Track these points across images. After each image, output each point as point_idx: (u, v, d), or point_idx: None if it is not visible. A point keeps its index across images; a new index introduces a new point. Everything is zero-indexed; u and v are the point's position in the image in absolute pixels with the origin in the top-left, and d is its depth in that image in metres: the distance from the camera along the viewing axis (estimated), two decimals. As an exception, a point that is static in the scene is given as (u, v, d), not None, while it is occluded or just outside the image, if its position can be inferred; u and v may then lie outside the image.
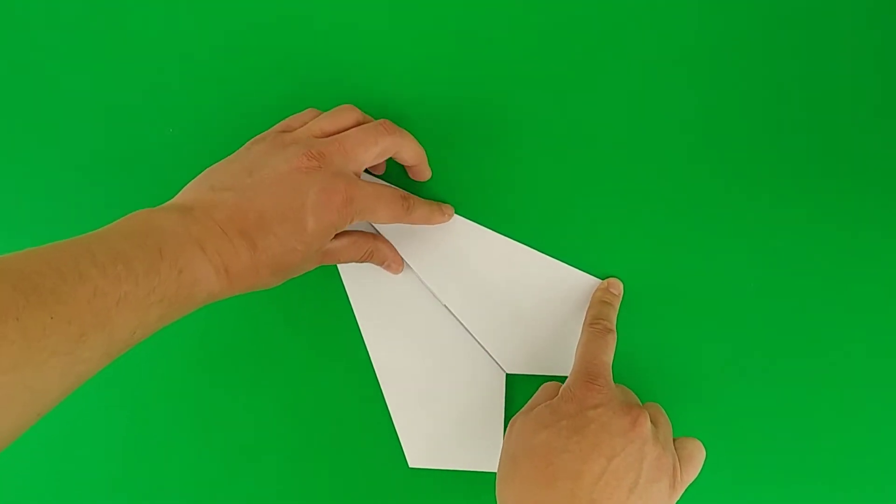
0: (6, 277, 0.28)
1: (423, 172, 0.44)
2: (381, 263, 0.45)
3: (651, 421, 0.38)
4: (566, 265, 0.45)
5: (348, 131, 0.40)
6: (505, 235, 0.46)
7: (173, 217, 0.35)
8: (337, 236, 0.41)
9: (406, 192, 0.43)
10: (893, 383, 0.44)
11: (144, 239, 0.33)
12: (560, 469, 0.35)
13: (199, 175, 0.39)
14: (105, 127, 0.47)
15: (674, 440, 0.39)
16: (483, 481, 0.46)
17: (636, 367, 0.45)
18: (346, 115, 0.42)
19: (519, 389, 0.46)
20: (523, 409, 0.40)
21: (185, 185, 0.46)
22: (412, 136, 0.42)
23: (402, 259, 0.45)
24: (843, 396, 0.44)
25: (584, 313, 0.45)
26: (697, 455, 0.39)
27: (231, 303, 0.46)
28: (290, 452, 0.47)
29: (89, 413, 0.48)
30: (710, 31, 0.45)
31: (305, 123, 0.41)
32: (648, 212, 0.45)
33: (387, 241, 0.45)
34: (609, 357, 0.40)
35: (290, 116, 0.43)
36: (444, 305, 0.45)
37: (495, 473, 0.45)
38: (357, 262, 0.44)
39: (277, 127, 0.42)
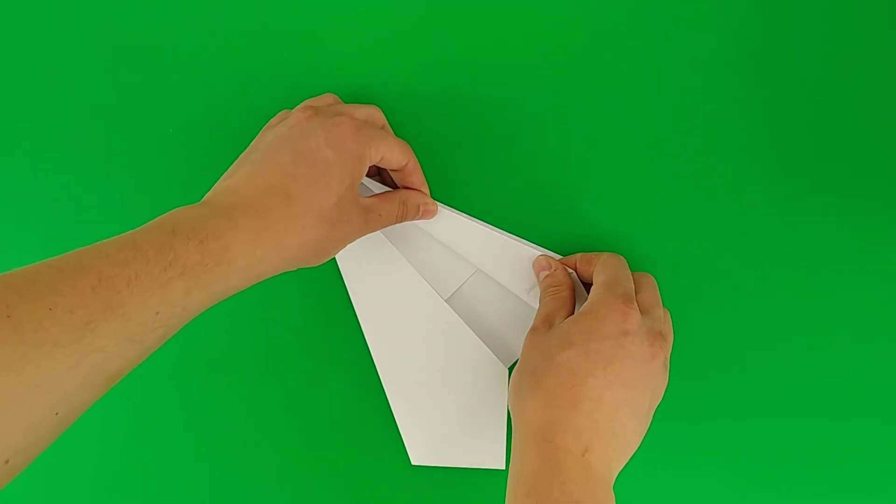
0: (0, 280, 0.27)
1: (417, 182, 0.44)
2: (416, 214, 0.44)
3: (668, 335, 0.40)
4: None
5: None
6: (504, 232, 0.46)
7: (188, 208, 0.34)
8: (367, 197, 0.41)
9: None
10: (894, 383, 0.44)
11: (157, 226, 0.32)
12: (584, 393, 0.36)
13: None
14: (105, 127, 0.47)
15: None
16: (485, 478, 0.46)
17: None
18: (327, 97, 0.44)
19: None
20: (538, 321, 0.41)
21: (185, 185, 0.46)
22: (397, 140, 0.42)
23: (436, 203, 0.45)
24: (844, 396, 0.44)
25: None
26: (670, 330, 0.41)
27: (233, 301, 0.46)
28: (292, 451, 0.47)
29: (90, 413, 0.48)
30: (712, 29, 0.45)
31: (326, 100, 0.44)
32: (648, 211, 0.45)
33: (414, 191, 0.44)
34: (633, 285, 0.41)
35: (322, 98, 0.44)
36: (445, 301, 0.46)
37: (496, 471, 0.45)
38: (396, 220, 0.43)
39: (278, 115, 0.43)
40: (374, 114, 0.43)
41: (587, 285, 0.43)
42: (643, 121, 0.45)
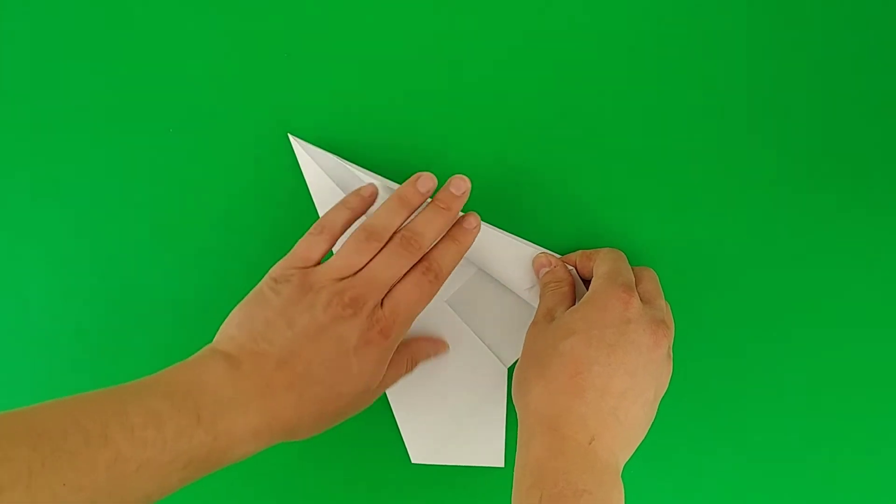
0: (28, 437, 0.28)
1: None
2: (427, 359, 0.44)
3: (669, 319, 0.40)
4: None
5: (370, 265, 0.38)
6: (504, 231, 0.46)
7: (221, 371, 0.35)
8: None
9: (424, 260, 0.40)
10: (894, 382, 0.44)
11: (184, 399, 0.33)
12: (588, 381, 0.36)
13: (233, 317, 0.38)
14: (105, 127, 0.47)
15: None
16: (485, 477, 0.46)
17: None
18: (363, 243, 0.39)
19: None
20: (539, 315, 0.41)
21: (185, 185, 0.46)
22: (453, 244, 0.40)
23: (443, 340, 0.45)
24: (844, 396, 0.44)
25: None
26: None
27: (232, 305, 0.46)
28: (292, 450, 0.47)
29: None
30: (712, 28, 0.45)
31: (316, 253, 0.39)
32: (648, 211, 0.45)
33: (419, 338, 0.44)
34: (633, 276, 0.41)
35: (300, 245, 0.40)
36: (445, 301, 0.46)
37: (496, 470, 0.45)
38: (405, 375, 0.43)
39: (293, 261, 0.39)
40: (364, 254, 0.39)
41: (587, 282, 0.44)
42: (643, 120, 0.45)
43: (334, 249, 0.40)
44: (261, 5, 0.47)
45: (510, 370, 0.46)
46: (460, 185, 0.41)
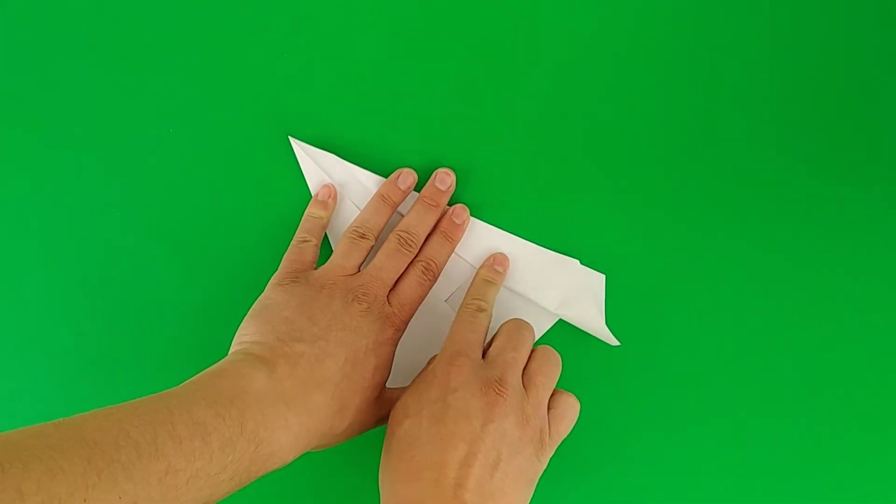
0: (81, 448, 0.28)
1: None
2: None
3: (527, 382, 0.38)
4: (566, 257, 0.45)
5: (373, 262, 0.42)
6: (504, 231, 0.46)
7: (261, 378, 0.35)
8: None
9: (421, 257, 0.43)
10: (894, 382, 0.44)
11: (228, 408, 0.33)
12: (422, 461, 0.35)
13: (249, 323, 0.39)
14: (105, 127, 0.47)
15: (552, 394, 0.40)
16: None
17: (635, 366, 0.45)
18: (358, 246, 0.42)
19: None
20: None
21: (185, 185, 0.46)
22: (443, 239, 0.44)
23: None
24: (844, 396, 0.44)
25: (585, 308, 0.45)
26: (570, 412, 0.39)
27: (233, 300, 0.46)
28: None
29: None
30: (709, 28, 0.45)
31: (309, 260, 0.42)
32: (648, 211, 0.45)
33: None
34: (478, 336, 0.40)
35: (289, 257, 0.43)
36: (445, 301, 0.46)
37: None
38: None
39: (292, 266, 0.42)
40: (362, 253, 0.42)
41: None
42: (642, 119, 0.45)
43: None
44: (261, 5, 0.47)
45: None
46: (445, 180, 0.44)
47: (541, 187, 0.46)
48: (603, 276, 0.45)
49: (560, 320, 0.45)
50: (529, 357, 0.40)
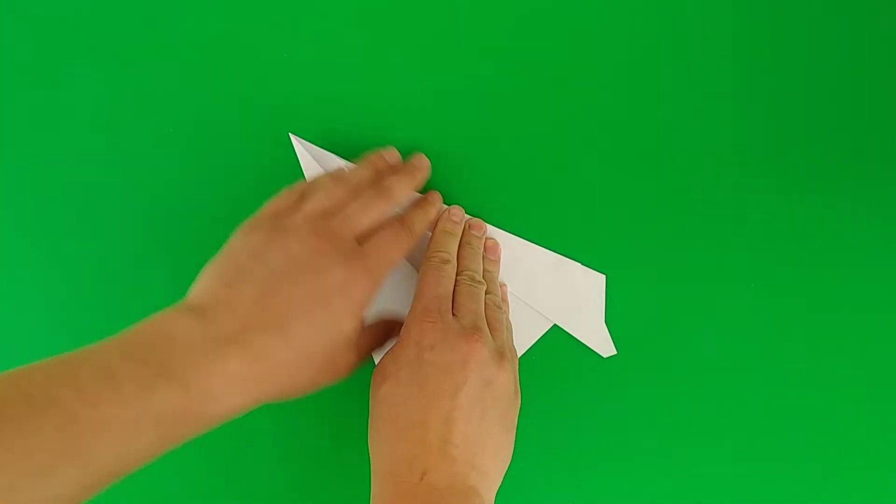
0: None
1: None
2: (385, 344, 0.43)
3: (491, 328, 0.39)
4: (566, 258, 0.45)
5: (346, 207, 0.38)
6: (503, 231, 0.46)
7: (188, 321, 0.32)
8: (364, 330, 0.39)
9: (400, 215, 0.41)
10: (894, 383, 0.45)
11: (148, 353, 0.30)
12: (406, 420, 0.35)
13: (204, 271, 0.36)
14: (105, 127, 0.47)
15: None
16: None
17: (635, 366, 0.45)
18: (334, 190, 0.39)
19: (520, 384, 0.46)
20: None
21: (185, 184, 0.46)
22: (407, 175, 0.42)
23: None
24: (844, 396, 0.45)
25: (584, 309, 0.45)
26: (513, 348, 0.41)
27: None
28: (290, 450, 0.47)
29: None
30: (709, 29, 0.45)
31: (288, 207, 0.39)
32: (648, 211, 0.45)
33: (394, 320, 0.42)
34: (445, 288, 0.39)
35: (271, 201, 0.40)
36: None
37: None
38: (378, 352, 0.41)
39: (265, 212, 0.39)
40: (337, 194, 0.39)
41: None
42: (642, 119, 0.45)
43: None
44: (261, 5, 0.46)
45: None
46: (422, 160, 0.44)
47: (541, 187, 0.46)
48: (603, 277, 0.45)
49: (555, 325, 0.46)
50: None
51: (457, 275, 0.41)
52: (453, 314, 0.38)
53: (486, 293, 0.41)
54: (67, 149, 0.47)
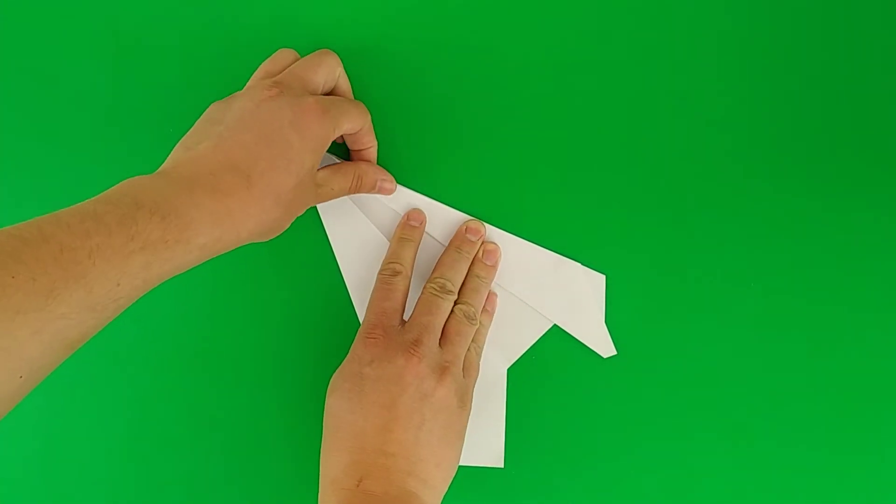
0: None
1: (369, 141, 0.44)
2: (373, 188, 0.44)
3: (444, 341, 0.40)
4: (566, 258, 0.45)
5: (291, 66, 0.41)
6: (503, 231, 0.46)
7: (155, 178, 0.34)
8: (321, 168, 0.41)
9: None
10: (892, 388, 0.44)
11: (119, 198, 0.32)
12: (346, 432, 0.37)
13: (170, 154, 0.38)
14: (105, 127, 0.47)
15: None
16: (485, 477, 0.46)
17: (634, 366, 0.45)
18: (285, 56, 0.42)
19: (520, 384, 0.46)
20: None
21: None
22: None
23: (391, 177, 0.45)
24: (844, 396, 0.45)
25: (584, 309, 0.45)
26: (476, 361, 0.42)
27: (232, 303, 0.46)
28: (290, 451, 0.47)
29: (87, 409, 0.48)
30: (710, 28, 0.45)
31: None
32: (648, 211, 0.45)
33: (370, 164, 0.44)
34: (393, 302, 0.41)
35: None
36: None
37: (495, 469, 0.45)
38: (350, 192, 0.43)
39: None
40: (333, 73, 0.42)
41: None
42: (642, 118, 0.45)
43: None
44: (262, 5, 0.47)
45: (510, 370, 0.46)
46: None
47: (541, 187, 0.46)
48: (603, 277, 0.45)
49: (555, 325, 0.46)
50: (448, 318, 0.41)
51: (428, 281, 0.42)
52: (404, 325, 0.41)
53: (461, 303, 0.42)
54: (68, 149, 0.47)
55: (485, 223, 0.45)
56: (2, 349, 0.27)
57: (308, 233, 0.46)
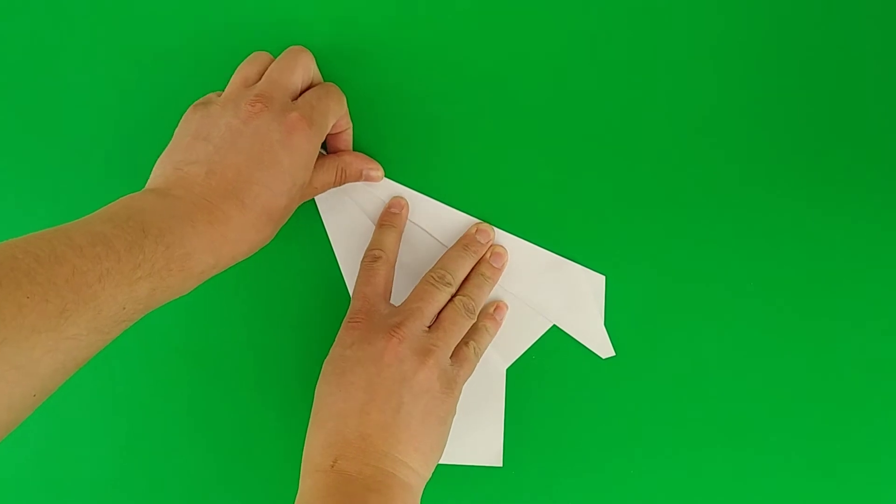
0: None
1: (345, 124, 0.44)
2: (358, 177, 0.44)
3: (433, 327, 0.40)
4: (566, 258, 0.45)
5: (267, 71, 0.41)
6: (503, 231, 0.46)
7: (152, 198, 0.35)
8: None
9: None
10: (893, 383, 0.44)
11: (126, 221, 0.33)
12: (326, 412, 0.38)
13: (157, 162, 0.39)
14: (105, 126, 0.47)
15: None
16: (484, 477, 0.46)
17: (633, 367, 0.45)
18: (260, 59, 0.42)
19: (519, 384, 0.46)
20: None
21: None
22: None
23: (375, 162, 0.45)
24: (844, 396, 0.45)
25: (584, 310, 0.45)
26: (472, 357, 0.42)
27: (231, 301, 0.46)
28: (289, 451, 0.47)
29: (86, 410, 0.48)
30: (708, 29, 0.45)
31: (216, 93, 0.41)
32: (648, 211, 0.45)
33: (352, 152, 0.45)
34: (374, 287, 0.42)
35: (209, 94, 0.42)
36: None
37: (494, 469, 0.46)
38: (335, 185, 0.43)
39: (199, 101, 0.41)
40: (308, 72, 0.42)
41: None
42: (642, 118, 0.45)
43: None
44: (262, 5, 0.46)
45: (510, 370, 0.46)
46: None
47: (541, 188, 0.46)
48: (603, 278, 0.45)
49: (554, 326, 0.46)
50: (445, 306, 0.42)
51: (427, 272, 0.43)
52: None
53: (462, 295, 0.42)
54: (67, 149, 0.47)
55: (493, 227, 0.45)
56: (17, 367, 0.28)
57: (306, 228, 0.46)
